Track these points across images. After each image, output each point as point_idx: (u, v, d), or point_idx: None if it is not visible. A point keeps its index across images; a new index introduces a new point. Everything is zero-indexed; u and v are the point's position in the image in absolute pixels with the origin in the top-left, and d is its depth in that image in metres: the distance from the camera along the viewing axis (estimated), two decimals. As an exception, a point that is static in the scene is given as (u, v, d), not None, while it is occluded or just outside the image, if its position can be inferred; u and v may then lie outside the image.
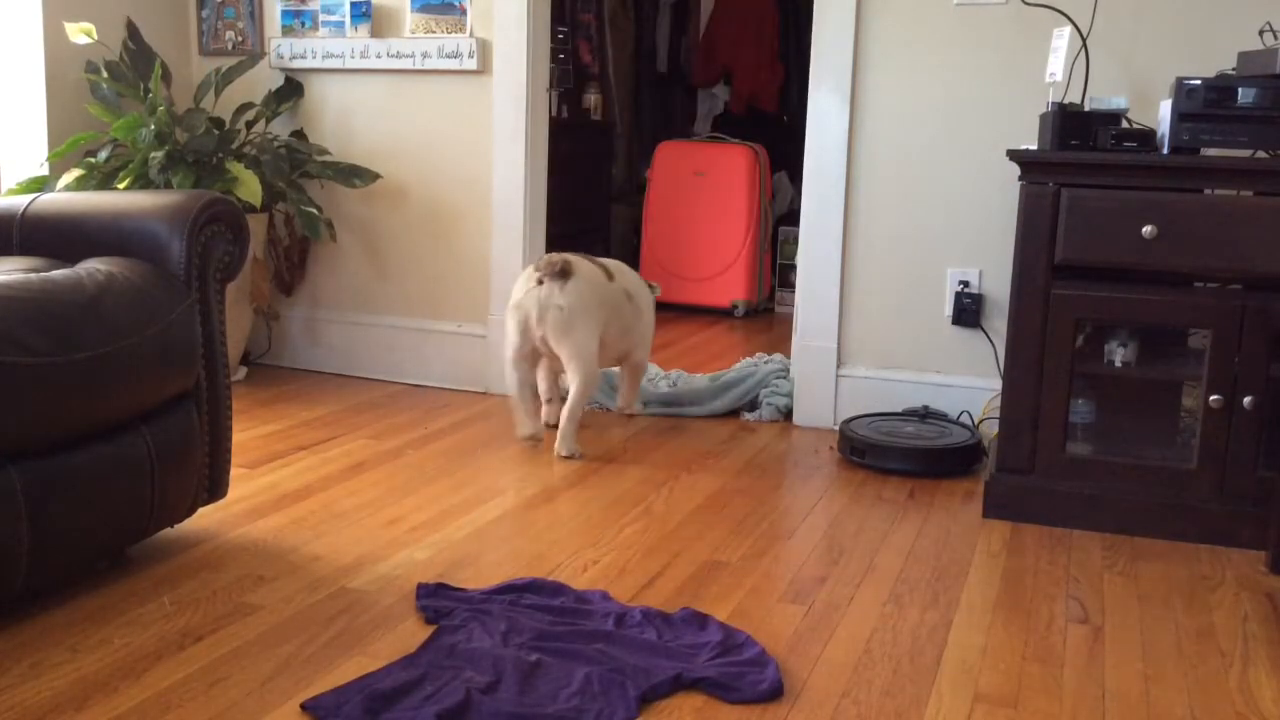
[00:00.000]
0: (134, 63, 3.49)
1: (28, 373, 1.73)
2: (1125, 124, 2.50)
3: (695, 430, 3.19)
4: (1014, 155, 2.45)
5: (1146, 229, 2.35)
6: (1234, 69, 2.45)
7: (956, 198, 3.03)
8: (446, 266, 3.60)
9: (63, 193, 2.36)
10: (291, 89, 3.66)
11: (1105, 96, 2.59)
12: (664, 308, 4.78)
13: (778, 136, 5.78)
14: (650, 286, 3.25)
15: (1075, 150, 2.43)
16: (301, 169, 3.49)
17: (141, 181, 3.19)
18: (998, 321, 3.01)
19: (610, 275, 2.99)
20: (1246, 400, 2.36)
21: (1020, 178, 2.46)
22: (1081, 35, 2.78)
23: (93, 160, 3.27)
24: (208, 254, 2.12)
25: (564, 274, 2.80)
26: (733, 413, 3.36)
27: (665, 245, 5.21)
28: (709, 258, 5.15)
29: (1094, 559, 2.30)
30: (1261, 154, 2.39)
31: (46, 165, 3.33)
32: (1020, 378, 2.49)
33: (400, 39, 3.51)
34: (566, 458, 2.87)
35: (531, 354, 2.92)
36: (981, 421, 3.02)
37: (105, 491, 1.89)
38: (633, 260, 5.17)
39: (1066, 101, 2.62)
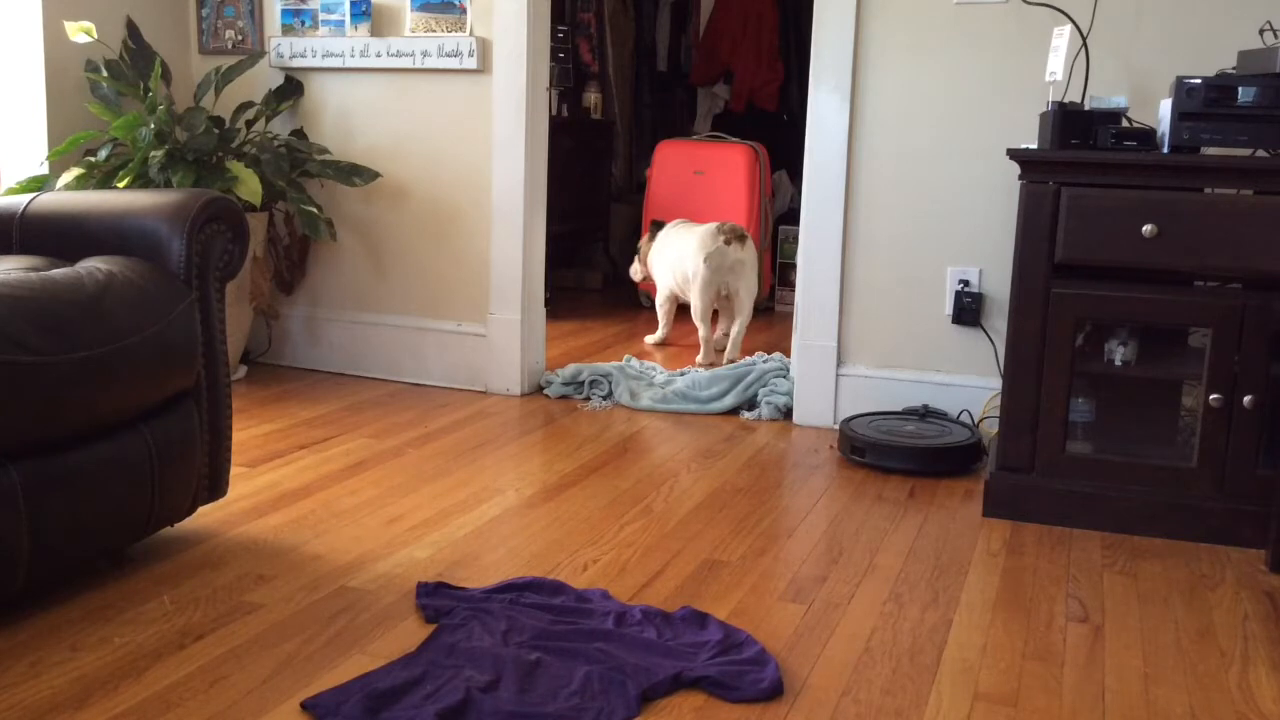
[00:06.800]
0: (134, 62, 3.49)
1: (28, 372, 1.73)
2: (1125, 123, 2.50)
3: (695, 430, 3.19)
4: (1014, 154, 2.45)
5: (1146, 228, 2.35)
6: (1234, 68, 2.45)
7: (956, 197, 3.03)
8: (446, 266, 3.60)
9: (63, 192, 2.36)
10: (291, 88, 3.66)
11: (1105, 96, 2.60)
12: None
13: (778, 135, 5.78)
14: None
15: (1075, 149, 2.43)
16: (301, 168, 3.49)
17: (141, 180, 3.19)
18: (998, 320, 3.01)
19: None
20: (1246, 400, 2.36)
21: (1020, 177, 2.46)
22: (1081, 34, 2.78)
23: (93, 159, 3.26)
24: (208, 253, 2.12)
25: (741, 238, 4.00)
26: (733, 412, 3.37)
27: (665, 244, 5.20)
28: (709, 257, 5.13)
29: (1094, 558, 2.30)
30: (1261, 153, 2.39)
31: (46, 164, 3.32)
32: (1020, 377, 2.49)
33: (400, 38, 3.51)
34: (730, 360, 3.91)
35: (716, 293, 4.02)
36: (981, 420, 3.03)
37: (105, 491, 1.89)
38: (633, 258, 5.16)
39: (1066, 100, 2.62)
